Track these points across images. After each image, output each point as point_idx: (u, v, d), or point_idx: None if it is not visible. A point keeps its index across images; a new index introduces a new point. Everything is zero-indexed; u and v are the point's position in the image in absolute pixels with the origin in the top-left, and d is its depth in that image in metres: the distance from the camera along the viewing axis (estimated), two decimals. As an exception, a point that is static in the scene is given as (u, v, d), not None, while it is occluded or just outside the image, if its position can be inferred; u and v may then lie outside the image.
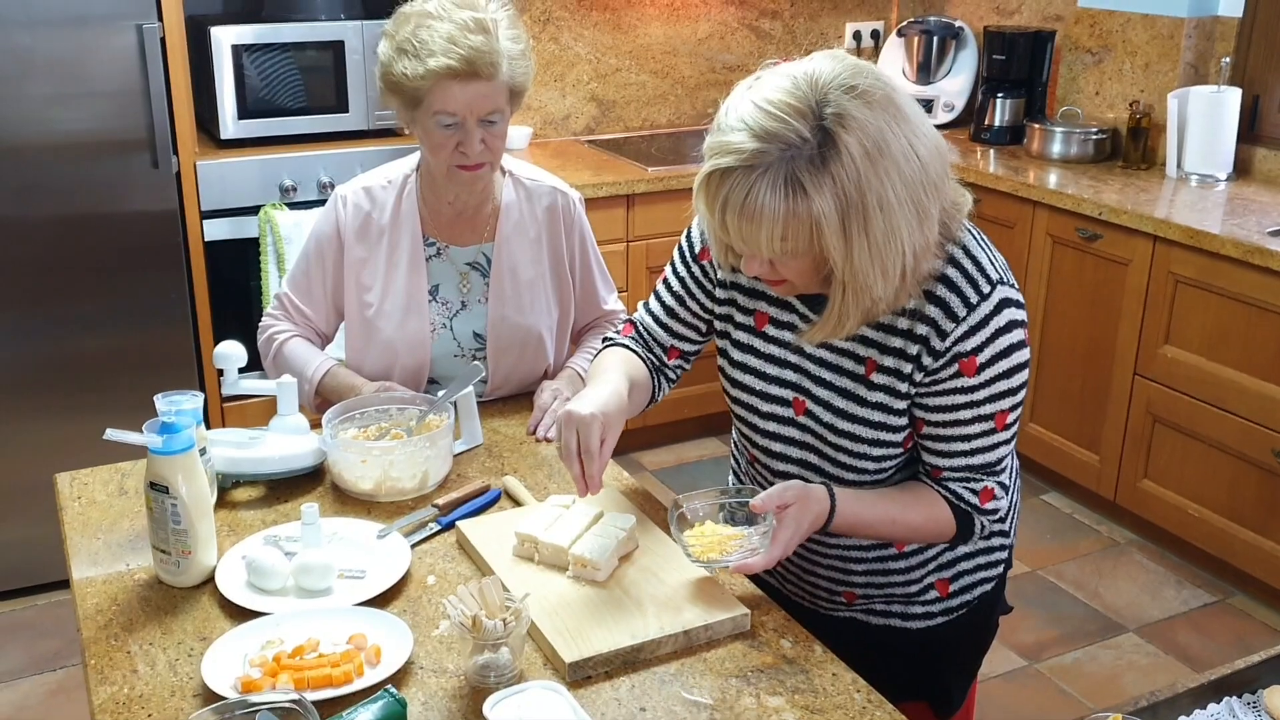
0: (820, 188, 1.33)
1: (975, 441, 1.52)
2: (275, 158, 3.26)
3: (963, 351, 1.47)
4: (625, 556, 1.61)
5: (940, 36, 4.35)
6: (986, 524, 1.57)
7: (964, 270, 1.48)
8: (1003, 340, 1.48)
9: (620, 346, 1.79)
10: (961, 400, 1.50)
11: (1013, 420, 1.53)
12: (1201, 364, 3.19)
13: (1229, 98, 3.56)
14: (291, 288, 2.17)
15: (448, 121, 1.92)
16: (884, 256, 1.37)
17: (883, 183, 1.34)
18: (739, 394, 1.67)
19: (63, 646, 2.94)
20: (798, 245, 1.37)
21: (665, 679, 1.40)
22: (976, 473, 1.54)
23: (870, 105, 1.34)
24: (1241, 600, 3.24)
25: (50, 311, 3.03)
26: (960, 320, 1.46)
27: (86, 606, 1.53)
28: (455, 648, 1.44)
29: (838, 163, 1.32)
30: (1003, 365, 1.48)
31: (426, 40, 1.87)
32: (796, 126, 1.33)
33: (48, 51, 2.86)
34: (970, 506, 1.54)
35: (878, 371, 1.52)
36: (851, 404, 1.55)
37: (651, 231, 3.69)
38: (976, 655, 1.81)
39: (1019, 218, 3.65)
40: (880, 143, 1.34)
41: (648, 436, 3.97)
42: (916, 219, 1.38)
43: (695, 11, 4.29)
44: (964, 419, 1.51)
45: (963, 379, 1.48)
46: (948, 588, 1.67)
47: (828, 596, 1.71)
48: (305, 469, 1.83)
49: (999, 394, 1.49)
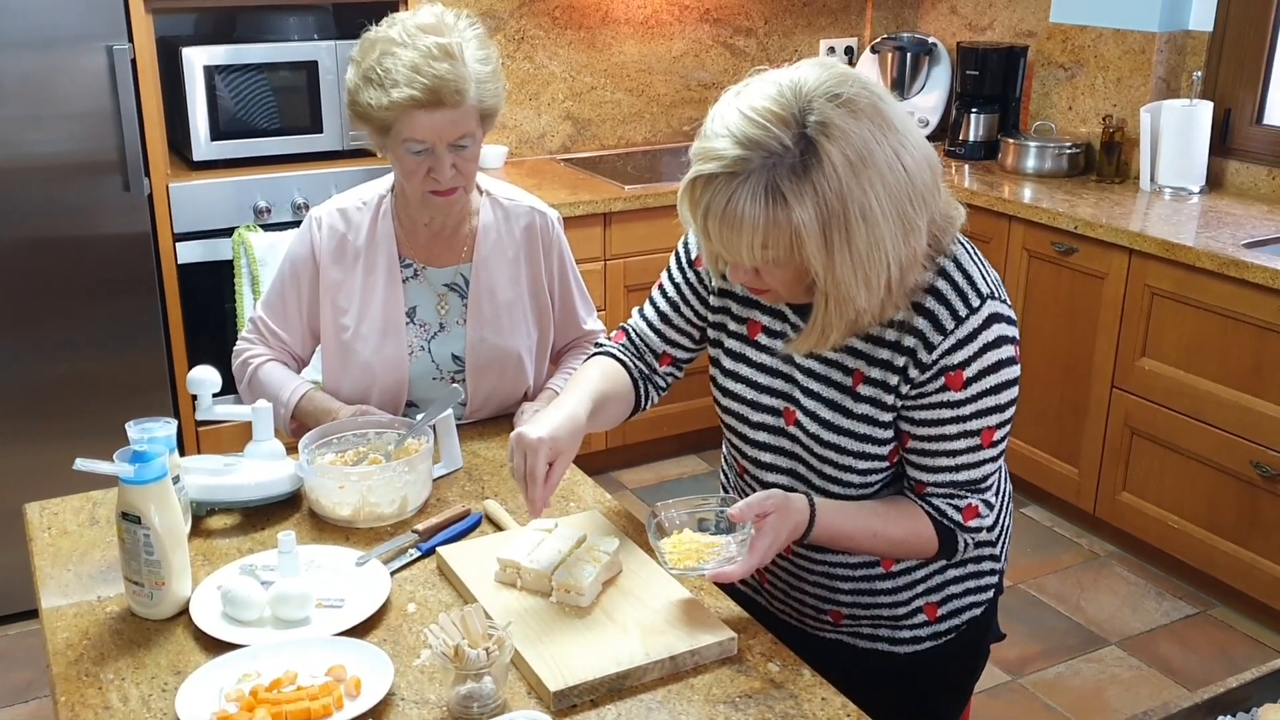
0: (801, 197, 1.32)
1: (961, 457, 1.51)
2: (249, 179, 3.23)
3: (949, 365, 1.46)
4: (609, 580, 1.58)
5: (914, 53, 4.37)
6: (970, 542, 1.55)
7: (954, 283, 1.47)
8: (991, 355, 1.47)
9: (606, 355, 1.78)
10: (947, 415, 1.48)
11: (1000, 438, 1.52)
12: (1179, 376, 3.20)
13: (1201, 111, 3.58)
14: (266, 311, 2.14)
15: (417, 149, 1.90)
16: (867, 268, 1.36)
17: (866, 193, 1.33)
18: (730, 403, 1.65)
19: (35, 677, 2.89)
20: (779, 254, 1.36)
21: (652, 706, 1.38)
22: (961, 489, 1.53)
23: (855, 114, 1.33)
24: (1222, 611, 3.25)
25: (20, 336, 2.98)
26: (948, 333, 1.45)
27: (56, 640, 1.50)
28: (437, 678, 1.41)
29: (819, 172, 1.31)
30: (990, 381, 1.47)
31: (391, 69, 1.85)
32: (779, 134, 1.32)
33: (16, 73, 2.83)
34: (953, 523, 1.53)
35: (865, 383, 1.51)
36: (838, 415, 1.53)
37: (629, 250, 3.68)
38: (967, 680, 1.79)
39: (995, 232, 3.66)
40: (864, 152, 1.32)
41: (628, 455, 3.95)
42: (902, 231, 1.36)
43: (670, 30, 4.29)
44: (949, 434, 1.49)
45: (949, 393, 1.47)
46: (936, 611, 1.65)
47: (815, 615, 1.69)
48: (282, 495, 1.80)
49: (986, 410, 1.48)
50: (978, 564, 1.65)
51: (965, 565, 1.64)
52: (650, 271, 1.83)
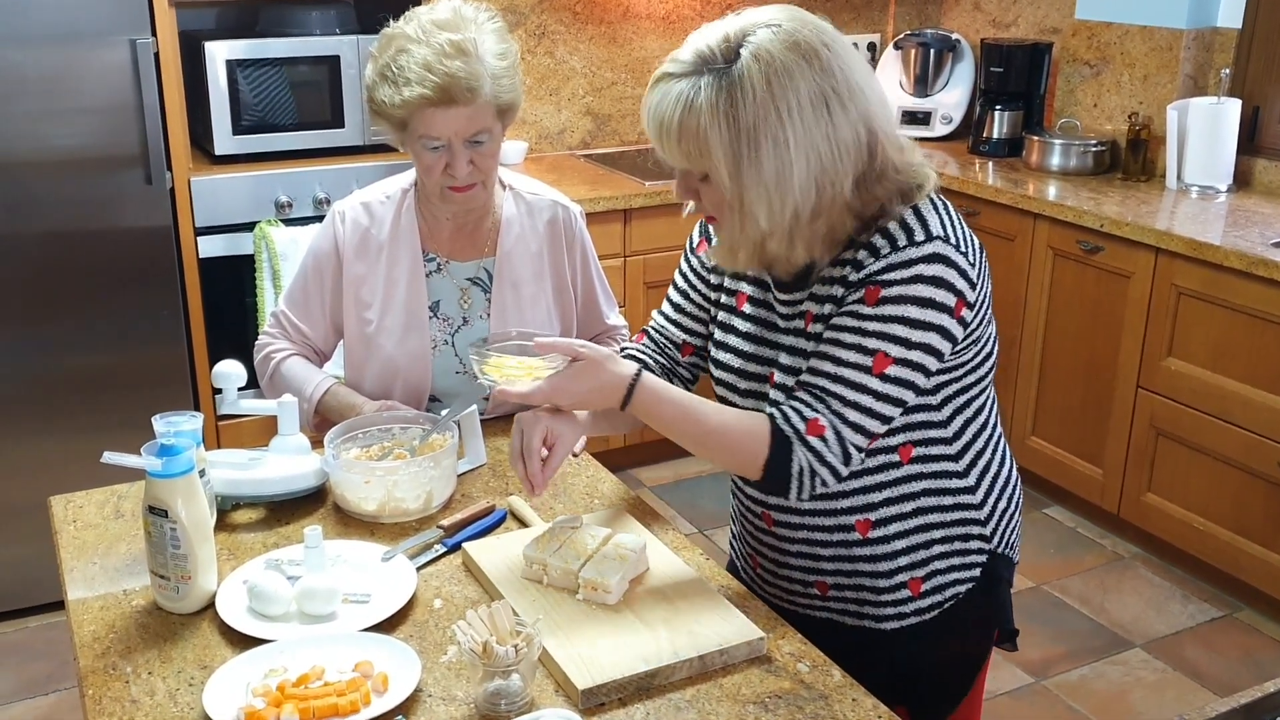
0: (715, 105, 1.39)
1: (842, 369, 1.44)
2: (270, 174, 3.23)
3: (872, 279, 1.44)
4: (636, 579, 1.57)
5: (937, 49, 4.34)
6: (806, 465, 1.45)
7: (904, 223, 1.46)
8: (920, 288, 1.42)
9: (628, 357, 1.77)
10: (850, 323, 1.45)
11: (892, 374, 1.44)
12: (1205, 376, 3.16)
13: (1228, 109, 3.55)
14: (289, 305, 2.13)
15: (433, 145, 1.90)
16: (769, 189, 1.41)
17: (781, 121, 1.39)
18: (720, 374, 1.68)
19: (55, 670, 2.89)
20: (695, 159, 1.43)
21: (680, 706, 1.36)
22: (822, 399, 1.45)
23: (793, 49, 1.40)
24: (1248, 615, 3.21)
25: (43, 330, 2.98)
26: (882, 257, 1.44)
27: (83, 633, 1.49)
28: (464, 674, 1.40)
29: (738, 88, 1.39)
30: (909, 311, 1.42)
31: (404, 66, 1.85)
32: (716, 49, 1.42)
33: (40, 67, 2.83)
34: (792, 429, 1.45)
35: (815, 321, 1.53)
36: (800, 360, 1.54)
37: (649, 246, 3.66)
38: (963, 671, 1.74)
39: (1019, 230, 3.63)
40: (785, 80, 1.39)
41: (646, 453, 3.93)
42: (818, 168, 1.41)
43: (691, 24, 4.26)
44: (844, 341, 1.45)
45: (862, 306, 1.45)
46: (920, 586, 1.63)
47: (803, 590, 1.68)
48: (307, 490, 1.79)
49: (889, 335, 1.43)
50: (964, 541, 1.62)
51: (951, 541, 1.61)
52: (670, 268, 1.84)
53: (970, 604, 1.68)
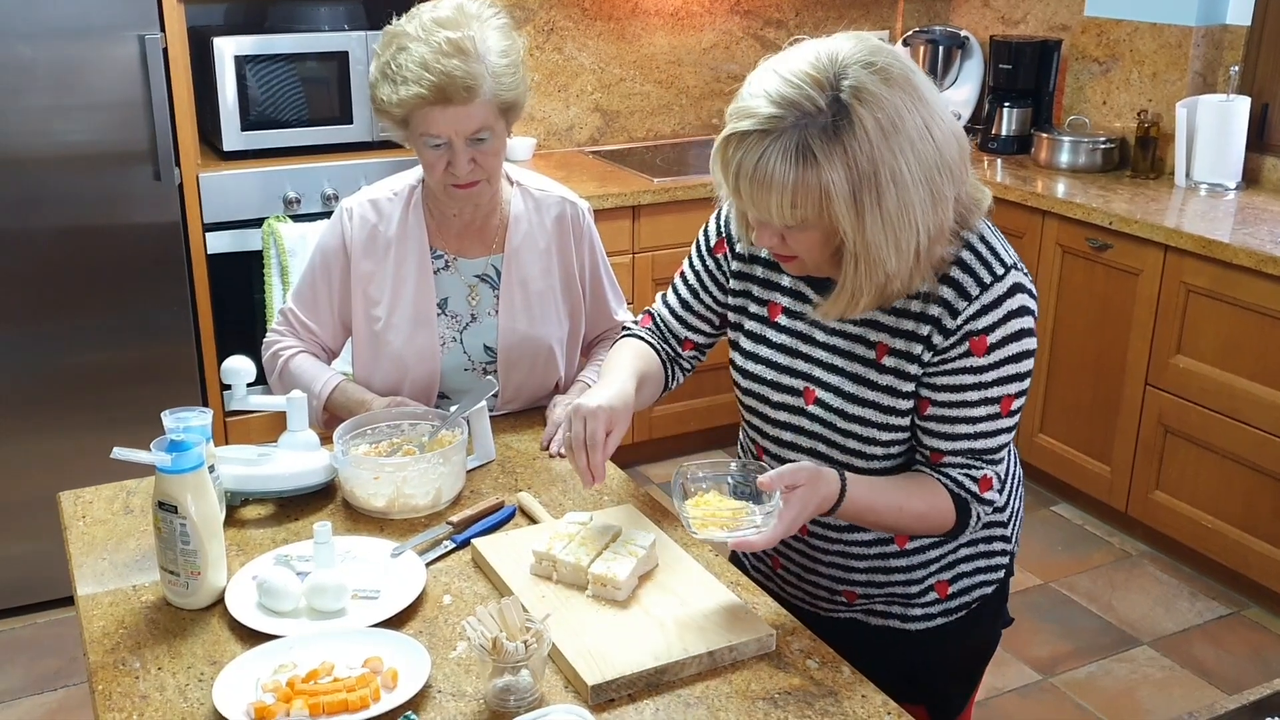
0: (831, 157, 1.35)
1: (980, 425, 1.51)
2: (278, 170, 3.23)
3: (974, 330, 1.48)
4: (645, 575, 1.57)
5: (946, 46, 4.33)
6: (983, 514, 1.56)
7: (979, 254, 1.50)
8: (1014, 324, 1.48)
9: (635, 338, 1.83)
10: (969, 380, 1.49)
11: (1016, 409, 1.53)
12: (1214, 374, 3.16)
13: (1238, 106, 3.53)
14: (297, 302, 2.13)
15: (434, 143, 1.90)
16: (897, 231, 1.38)
17: (896, 158, 1.36)
18: (750, 385, 1.67)
19: (63, 665, 2.90)
20: (807, 214, 1.38)
21: (690, 702, 1.36)
22: (977, 459, 1.53)
23: (888, 83, 1.37)
24: (1256, 613, 3.21)
25: (51, 325, 2.99)
26: (973, 299, 1.47)
27: (93, 629, 1.49)
28: (474, 670, 1.40)
29: (850, 134, 1.35)
30: (1013, 349, 1.49)
31: (403, 65, 1.85)
32: (813, 96, 1.35)
33: (49, 62, 2.83)
34: (969, 494, 1.53)
35: (889, 354, 1.53)
36: (862, 388, 1.55)
37: (658, 243, 3.66)
38: (977, 663, 1.79)
39: (1028, 227, 3.62)
40: (895, 119, 1.36)
41: (653, 449, 3.93)
42: (930, 199, 1.39)
43: (700, 21, 4.26)
44: (970, 400, 1.50)
45: (972, 358, 1.48)
46: (948, 589, 1.66)
47: (829, 597, 1.69)
48: (316, 486, 1.79)
49: (1006, 377, 1.49)
50: (989, 544, 1.66)
51: (977, 544, 1.65)
52: (679, 265, 1.83)
53: (994, 603, 1.70)
